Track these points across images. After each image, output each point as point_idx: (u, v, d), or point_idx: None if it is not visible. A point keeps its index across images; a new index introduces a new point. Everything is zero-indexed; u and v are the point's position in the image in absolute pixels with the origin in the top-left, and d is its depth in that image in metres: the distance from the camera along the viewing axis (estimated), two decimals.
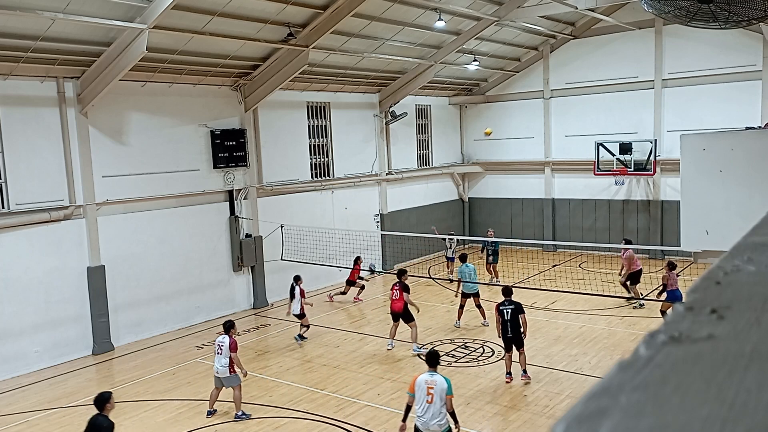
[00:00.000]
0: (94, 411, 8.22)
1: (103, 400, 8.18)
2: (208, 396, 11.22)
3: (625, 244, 17.34)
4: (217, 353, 10.93)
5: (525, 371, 11.96)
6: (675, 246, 14.40)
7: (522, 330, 11.87)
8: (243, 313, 17.70)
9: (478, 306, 15.50)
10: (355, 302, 18.34)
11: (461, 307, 15.60)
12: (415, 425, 8.46)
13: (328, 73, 19.28)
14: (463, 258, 16.01)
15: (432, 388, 8.37)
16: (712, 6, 7.46)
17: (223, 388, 10.98)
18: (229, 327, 11.15)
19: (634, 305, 16.58)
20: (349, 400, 11.33)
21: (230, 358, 10.79)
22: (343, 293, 18.48)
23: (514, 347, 11.92)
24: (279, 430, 10.42)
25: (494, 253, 19.99)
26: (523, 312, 11.95)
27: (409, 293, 13.91)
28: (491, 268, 20.02)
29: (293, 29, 15.60)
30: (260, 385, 12.30)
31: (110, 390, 8.81)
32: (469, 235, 25.74)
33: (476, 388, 11.74)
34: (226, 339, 10.92)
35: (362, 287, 18.58)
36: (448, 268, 20.81)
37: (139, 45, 13.08)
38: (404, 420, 8.58)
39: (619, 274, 17.67)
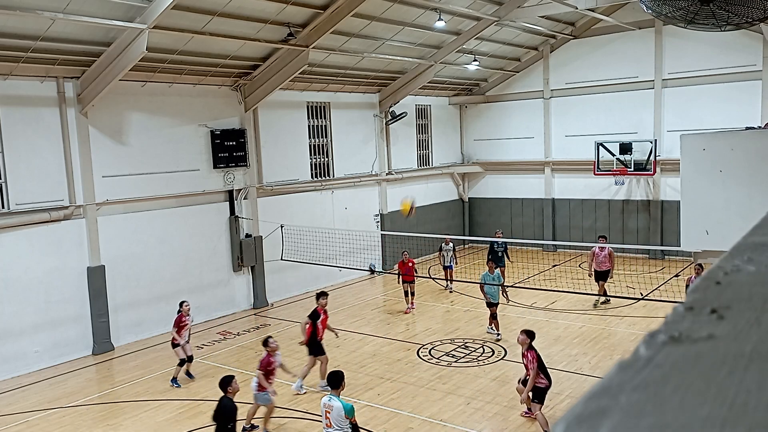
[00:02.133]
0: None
1: (224, 383, 8.55)
2: (207, 396, 11.23)
3: (601, 241, 16.97)
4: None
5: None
6: (675, 246, 14.41)
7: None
8: (243, 313, 17.70)
9: (493, 316, 14.46)
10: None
11: (492, 316, 14.49)
12: None
13: (328, 73, 19.28)
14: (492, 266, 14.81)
15: (329, 412, 8.09)
16: (712, 6, 7.46)
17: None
18: (263, 343, 10.57)
19: (595, 303, 16.61)
20: (349, 400, 11.31)
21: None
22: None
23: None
24: (279, 430, 10.42)
25: (502, 255, 18.74)
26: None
27: (317, 320, 12.12)
28: (499, 271, 19.20)
29: (293, 29, 15.60)
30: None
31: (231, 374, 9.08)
32: (469, 235, 25.74)
33: (476, 388, 11.75)
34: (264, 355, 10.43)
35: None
36: (446, 278, 19.13)
37: (139, 45, 13.08)
38: None
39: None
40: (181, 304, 12.93)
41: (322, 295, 12.33)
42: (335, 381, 8.49)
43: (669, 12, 7.58)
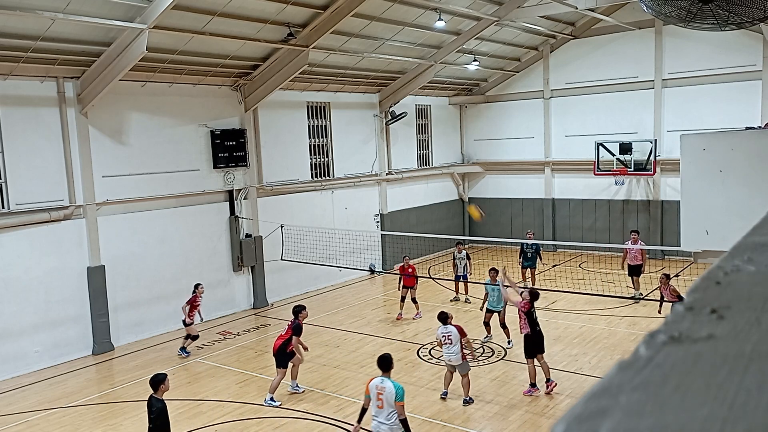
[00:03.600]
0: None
1: (158, 382, 8.49)
2: (207, 396, 11.22)
3: (633, 236, 17.49)
4: (449, 343, 11.01)
5: (549, 378, 11.43)
6: (675, 246, 14.40)
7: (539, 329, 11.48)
8: (243, 313, 17.70)
9: (503, 324, 13.93)
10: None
11: (486, 323, 14.28)
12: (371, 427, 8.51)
13: (328, 73, 19.28)
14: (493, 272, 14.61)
15: (381, 394, 8.36)
16: (712, 6, 7.46)
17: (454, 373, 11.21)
18: (444, 318, 11.20)
19: (634, 296, 16.80)
20: (349, 400, 11.32)
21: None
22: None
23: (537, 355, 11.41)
24: (279, 430, 10.42)
25: (533, 257, 18.40)
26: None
27: (299, 336, 11.79)
28: (530, 273, 18.61)
29: (293, 29, 15.60)
30: (260, 385, 12.30)
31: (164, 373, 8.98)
32: (469, 235, 25.73)
33: (476, 388, 11.74)
34: (452, 329, 11.00)
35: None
36: (457, 291, 18.18)
37: (139, 45, 13.08)
38: (359, 421, 8.60)
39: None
40: (196, 286, 14.28)
41: (301, 309, 11.79)
42: (386, 363, 8.67)
43: (669, 11, 7.58)
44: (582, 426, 0.55)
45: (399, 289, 16.82)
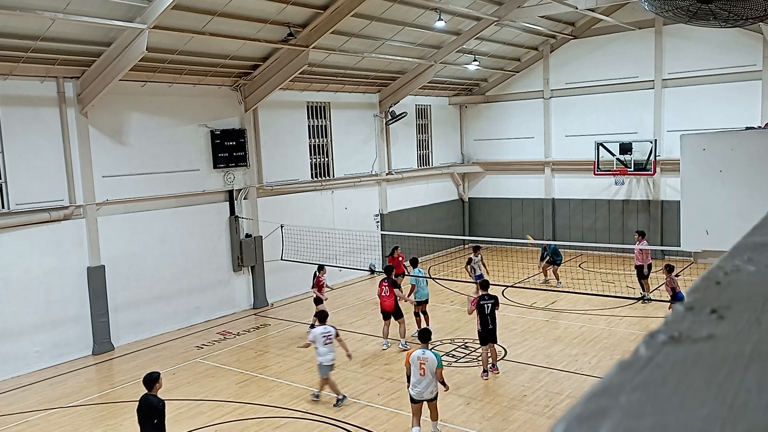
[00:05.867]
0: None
1: (152, 380, 8.47)
2: (207, 396, 11.22)
3: (637, 237, 17.47)
4: (325, 344, 11.27)
5: (495, 365, 12.42)
6: (675, 246, 14.40)
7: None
8: (243, 313, 17.70)
9: (424, 312, 14.69)
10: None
11: (416, 315, 14.76)
12: (410, 394, 9.61)
13: (328, 73, 19.28)
14: (414, 263, 15.49)
15: (424, 363, 9.43)
16: (712, 6, 7.46)
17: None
18: (324, 317, 11.79)
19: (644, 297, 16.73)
20: (349, 400, 11.32)
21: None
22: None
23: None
24: (279, 430, 10.42)
25: (553, 254, 18.76)
26: (498, 306, 12.50)
27: (399, 289, 14.05)
28: (552, 271, 18.98)
29: (293, 29, 15.59)
30: (260, 385, 12.31)
31: (157, 372, 8.91)
32: (469, 235, 25.74)
33: (476, 388, 11.74)
34: (330, 329, 11.41)
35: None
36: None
37: (139, 45, 13.08)
38: (409, 386, 9.70)
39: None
40: (321, 269, 15.35)
41: (391, 268, 14.31)
42: (426, 336, 10.12)
43: (669, 8, 7.58)
44: (582, 426, 0.55)
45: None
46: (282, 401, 11.48)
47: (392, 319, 13.98)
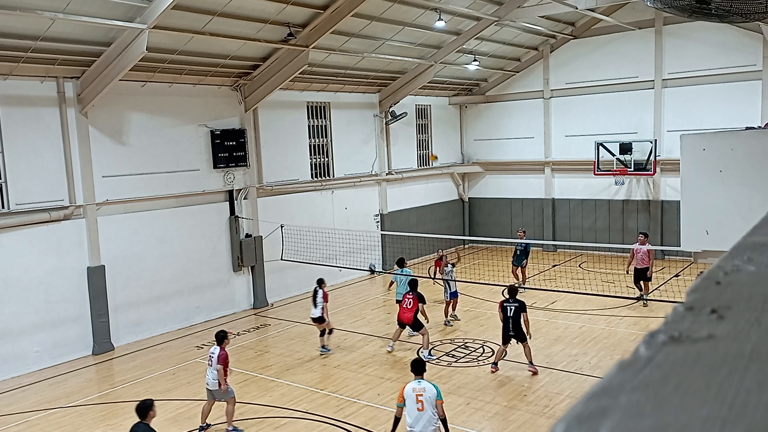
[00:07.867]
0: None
1: (145, 408, 8.13)
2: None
3: (641, 238, 17.14)
4: (209, 365, 10.32)
5: (531, 362, 12.32)
6: (675, 246, 14.40)
7: (526, 329, 12.32)
8: (243, 313, 17.70)
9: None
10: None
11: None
12: None
13: (328, 73, 19.28)
14: (401, 263, 15.74)
15: (421, 395, 8.21)
16: (712, 6, 7.46)
17: (215, 401, 10.41)
18: (221, 338, 10.41)
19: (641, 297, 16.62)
20: (349, 400, 11.33)
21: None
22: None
23: (513, 341, 12.39)
24: (279, 430, 10.42)
25: (522, 255, 18.85)
26: (526, 311, 12.36)
27: (425, 303, 13.61)
28: (519, 272, 18.84)
29: (293, 29, 15.60)
30: (260, 385, 12.31)
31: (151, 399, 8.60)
32: (469, 235, 25.74)
33: (476, 388, 11.74)
34: (217, 350, 10.25)
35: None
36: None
37: (139, 45, 13.08)
38: (393, 431, 8.56)
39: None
40: (321, 282, 14.37)
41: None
42: (419, 366, 8.73)
43: (672, 2, 7.59)
44: (582, 426, 0.55)
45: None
46: (282, 401, 11.48)
47: (408, 329, 13.83)
